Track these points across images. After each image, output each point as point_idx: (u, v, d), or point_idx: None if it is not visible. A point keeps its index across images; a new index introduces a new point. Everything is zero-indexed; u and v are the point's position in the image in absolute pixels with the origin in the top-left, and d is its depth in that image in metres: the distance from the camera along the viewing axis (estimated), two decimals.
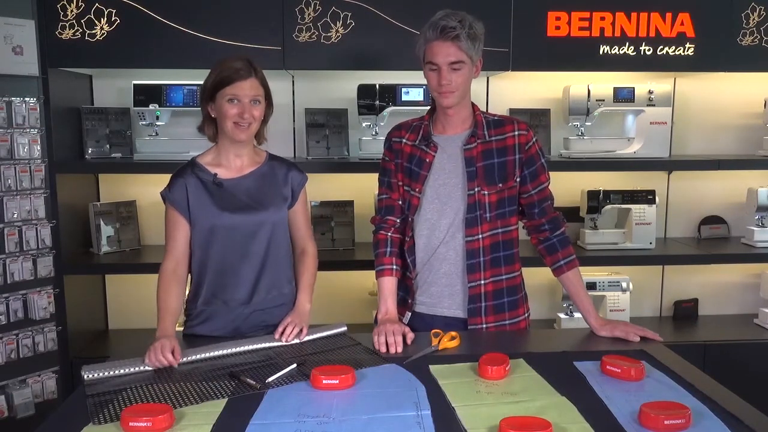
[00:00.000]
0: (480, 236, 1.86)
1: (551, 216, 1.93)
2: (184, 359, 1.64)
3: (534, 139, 1.90)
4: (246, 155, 1.90)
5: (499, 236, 1.89)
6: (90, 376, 1.53)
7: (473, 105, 1.93)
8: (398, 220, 1.97)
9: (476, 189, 1.85)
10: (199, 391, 1.47)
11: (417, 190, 1.90)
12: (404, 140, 1.95)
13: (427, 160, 1.90)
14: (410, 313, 1.95)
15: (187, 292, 1.96)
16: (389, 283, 1.94)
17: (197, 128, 1.92)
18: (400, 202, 1.96)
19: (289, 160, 2.01)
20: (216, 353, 1.68)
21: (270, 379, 1.52)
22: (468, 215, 1.86)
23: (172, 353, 1.61)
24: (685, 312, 3.21)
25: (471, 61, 1.80)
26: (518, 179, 1.89)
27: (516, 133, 1.88)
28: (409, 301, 1.97)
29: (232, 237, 1.84)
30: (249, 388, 1.48)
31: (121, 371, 1.57)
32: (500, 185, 1.86)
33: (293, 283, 1.98)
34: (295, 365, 1.59)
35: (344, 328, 1.89)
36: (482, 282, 1.87)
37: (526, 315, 1.99)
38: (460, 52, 1.77)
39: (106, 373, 1.55)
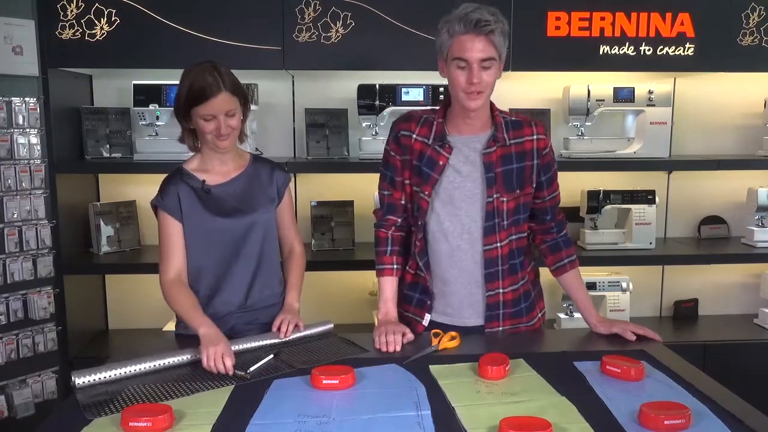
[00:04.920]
0: (498, 244, 1.80)
1: (559, 219, 1.93)
2: (183, 358, 1.64)
3: (550, 143, 1.84)
4: (230, 160, 1.88)
5: (513, 243, 1.84)
6: (82, 381, 1.50)
7: (491, 104, 1.83)
8: (399, 220, 1.91)
9: (495, 196, 1.77)
10: (199, 391, 1.47)
11: (426, 193, 1.80)
12: (415, 135, 1.82)
13: (440, 162, 1.78)
14: (429, 315, 1.87)
15: None
16: (390, 284, 1.91)
17: (178, 140, 1.87)
18: (403, 202, 1.89)
19: (271, 161, 1.99)
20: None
21: (252, 368, 1.57)
22: (486, 223, 1.78)
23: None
24: (685, 312, 3.21)
25: (499, 58, 1.70)
26: (534, 185, 1.83)
27: (535, 137, 1.81)
28: (428, 302, 1.88)
29: (226, 241, 1.83)
30: (240, 380, 1.52)
31: (112, 374, 1.53)
32: (518, 191, 1.80)
33: (283, 282, 1.99)
34: (272, 356, 1.65)
35: (331, 326, 1.92)
36: (501, 291, 1.83)
37: (541, 314, 1.96)
38: (492, 48, 1.65)
39: (97, 377, 1.51)
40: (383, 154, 1.92)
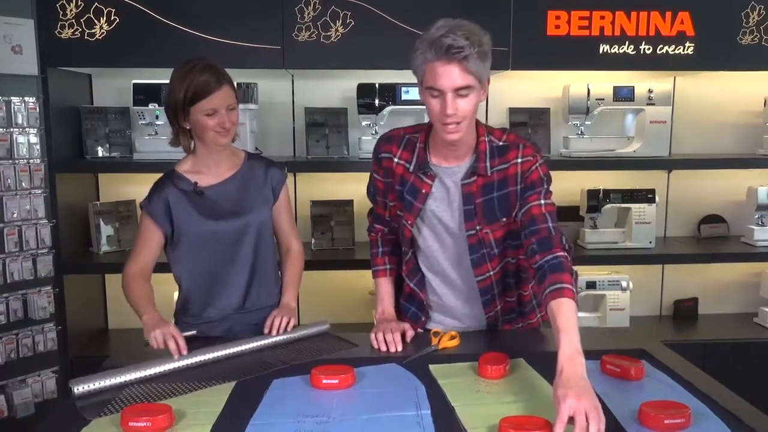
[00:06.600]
0: (491, 273, 1.74)
1: (541, 237, 1.57)
2: (183, 363, 1.62)
3: (538, 164, 1.64)
4: (225, 160, 1.87)
5: (511, 266, 1.79)
6: (80, 389, 1.47)
7: (478, 126, 1.66)
8: (386, 229, 1.90)
9: (477, 228, 1.67)
10: (199, 390, 1.47)
11: (409, 222, 1.72)
12: (396, 159, 1.72)
13: (423, 191, 1.68)
14: (422, 331, 1.86)
15: (175, 296, 1.96)
16: (384, 284, 1.91)
17: (169, 144, 1.87)
18: (388, 218, 1.86)
19: (267, 158, 1.99)
20: (213, 355, 1.67)
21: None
22: (473, 255, 1.70)
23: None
24: (684, 311, 3.21)
25: (479, 83, 1.51)
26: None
27: (519, 160, 1.64)
28: (423, 318, 1.88)
29: (220, 244, 1.83)
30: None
31: (112, 381, 1.51)
32: (503, 220, 1.68)
33: (280, 282, 1.98)
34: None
35: (326, 326, 1.90)
36: (499, 308, 1.83)
37: (540, 316, 1.94)
38: (468, 76, 1.47)
39: (97, 385, 1.49)
40: (371, 169, 1.86)
